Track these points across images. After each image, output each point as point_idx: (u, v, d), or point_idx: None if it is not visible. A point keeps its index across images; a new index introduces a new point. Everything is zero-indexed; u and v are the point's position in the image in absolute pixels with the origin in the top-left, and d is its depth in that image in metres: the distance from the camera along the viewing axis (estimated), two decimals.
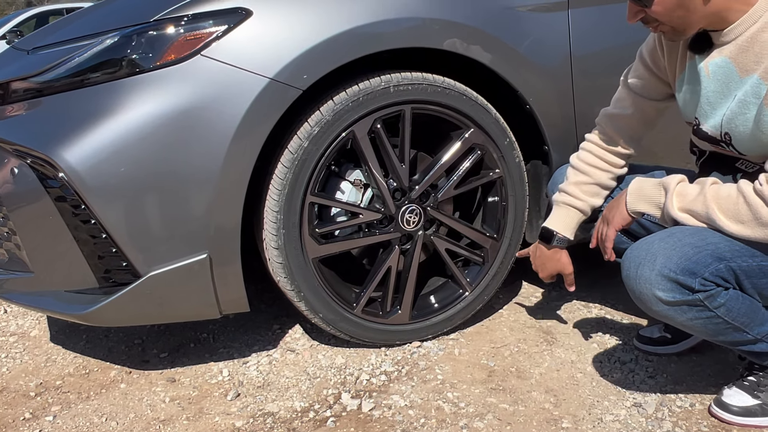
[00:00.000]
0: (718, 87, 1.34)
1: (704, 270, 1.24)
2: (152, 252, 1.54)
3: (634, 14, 1.33)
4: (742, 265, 1.27)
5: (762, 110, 1.25)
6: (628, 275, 1.32)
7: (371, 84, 1.64)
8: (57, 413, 1.62)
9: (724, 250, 1.26)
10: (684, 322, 1.31)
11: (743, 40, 1.28)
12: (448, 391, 1.61)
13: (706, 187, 1.29)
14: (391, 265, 1.78)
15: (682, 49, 1.44)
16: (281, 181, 1.61)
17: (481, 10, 1.70)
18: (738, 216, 1.24)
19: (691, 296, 1.26)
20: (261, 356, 1.83)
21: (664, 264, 1.25)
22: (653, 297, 1.28)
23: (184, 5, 1.55)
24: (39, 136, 1.55)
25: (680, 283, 1.25)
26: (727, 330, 1.32)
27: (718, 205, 1.26)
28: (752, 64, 1.27)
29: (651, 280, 1.27)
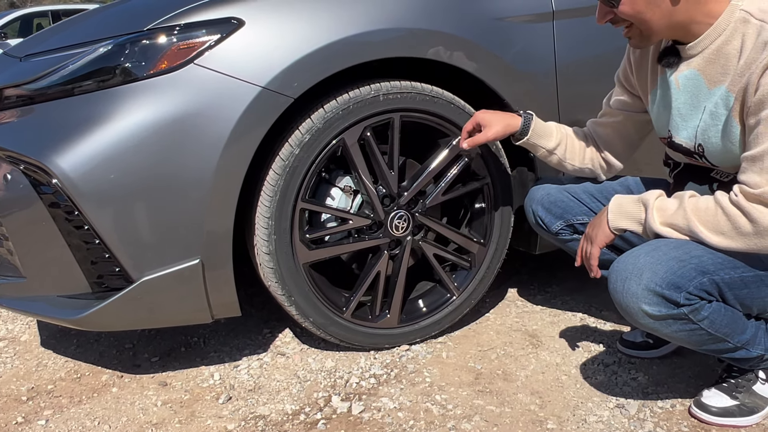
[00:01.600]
0: (688, 99, 1.39)
1: (688, 284, 1.27)
2: (145, 257, 1.57)
3: (603, 15, 1.37)
4: (725, 278, 1.30)
5: (731, 121, 1.30)
6: (615, 289, 1.34)
7: (361, 92, 1.67)
8: (49, 417, 1.64)
9: (707, 263, 1.28)
10: (669, 334, 1.34)
11: (709, 52, 1.33)
12: (436, 393, 1.65)
13: (685, 201, 1.32)
14: (380, 269, 1.81)
15: (651, 65, 1.50)
16: (272, 187, 1.63)
17: (469, 21, 1.74)
18: (718, 227, 1.27)
19: (676, 310, 1.29)
20: (252, 360, 1.86)
21: (650, 278, 1.28)
22: (639, 311, 1.30)
23: (177, 15, 1.57)
24: (32, 143, 1.57)
25: (666, 298, 1.27)
26: (709, 340, 1.35)
27: (698, 218, 1.29)
28: (719, 76, 1.32)
29: (638, 294, 1.29)
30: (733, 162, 1.34)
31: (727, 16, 1.31)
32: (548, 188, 1.71)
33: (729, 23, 1.30)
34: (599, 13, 1.38)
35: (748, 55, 1.26)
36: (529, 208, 1.74)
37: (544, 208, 1.69)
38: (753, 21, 1.27)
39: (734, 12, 1.30)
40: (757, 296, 1.34)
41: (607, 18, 1.37)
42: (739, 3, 1.31)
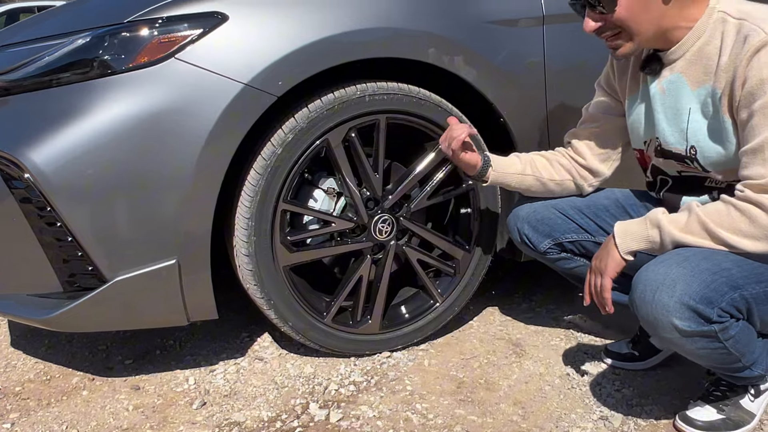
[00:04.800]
0: (673, 102, 1.38)
1: (721, 299, 1.23)
2: (119, 256, 1.52)
3: (593, 22, 1.34)
4: (753, 293, 1.26)
5: (721, 118, 1.29)
6: (644, 299, 1.26)
7: (346, 93, 1.63)
8: (15, 420, 1.58)
9: (736, 276, 1.24)
10: (689, 350, 1.29)
11: (691, 54, 1.34)
12: (417, 402, 1.61)
13: (694, 209, 1.29)
14: (362, 274, 1.77)
15: (632, 72, 1.49)
16: (253, 187, 1.59)
17: (458, 23, 1.71)
18: (735, 226, 1.24)
19: (707, 327, 1.23)
20: (228, 364, 1.81)
21: (684, 291, 1.22)
22: (669, 324, 1.24)
23: (158, 7, 1.53)
24: (5, 136, 1.52)
25: (699, 313, 1.22)
26: (727, 359, 1.31)
27: (713, 221, 1.26)
28: (702, 76, 1.32)
29: (670, 307, 1.23)
30: (726, 164, 1.32)
31: (706, 18, 1.32)
32: (534, 205, 1.65)
33: (708, 25, 1.32)
34: (588, 22, 1.35)
35: (730, 51, 1.26)
36: (514, 226, 1.68)
37: (531, 227, 1.64)
38: (731, 20, 1.29)
39: (712, 14, 1.32)
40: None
41: (597, 26, 1.34)
42: (717, 5, 1.32)
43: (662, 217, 1.31)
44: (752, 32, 1.23)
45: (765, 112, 1.20)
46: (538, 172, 1.61)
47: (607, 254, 1.36)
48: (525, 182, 1.62)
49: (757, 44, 1.21)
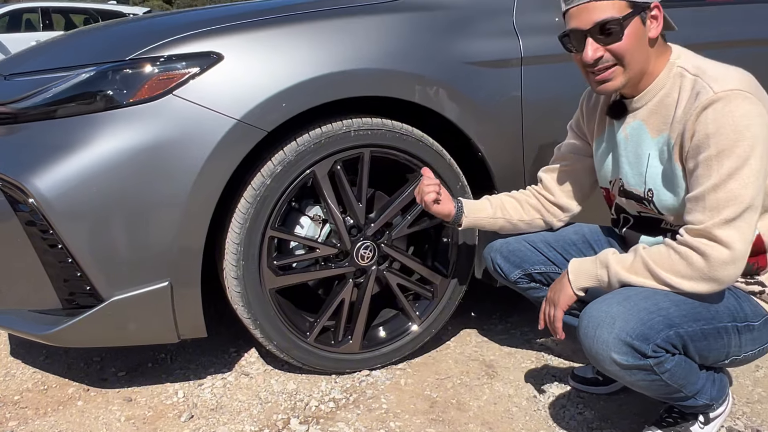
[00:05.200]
0: (633, 148, 1.50)
1: (656, 336, 1.33)
2: (116, 278, 1.62)
3: (594, 51, 1.41)
4: (689, 330, 1.37)
5: (673, 165, 1.41)
6: (586, 334, 1.38)
7: (333, 128, 1.74)
8: (14, 428, 1.68)
9: (673, 315, 1.35)
10: (631, 382, 1.40)
11: (653, 104, 1.45)
12: (391, 420, 1.71)
13: (640, 251, 1.40)
14: (344, 297, 1.88)
15: (599, 116, 1.61)
16: (243, 215, 1.70)
17: (439, 64, 1.82)
18: (675, 268, 1.35)
19: (643, 361, 1.34)
20: (216, 379, 1.91)
21: (622, 328, 1.33)
22: (609, 358, 1.35)
23: (159, 46, 1.64)
24: (12, 162, 1.62)
25: (635, 348, 1.33)
26: (666, 390, 1.42)
27: (655, 262, 1.37)
28: (661, 125, 1.44)
29: (609, 342, 1.34)
30: (677, 209, 1.43)
31: (667, 71, 1.44)
32: (507, 237, 1.78)
33: (669, 78, 1.44)
34: (591, 51, 1.41)
35: (684, 105, 1.38)
36: (488, 256, 1.80)
37: (503, 257, 1.76)
38: (688, 76, 1.40)
39: (672, 68, 1.44)
40: (714, 348, 1.42)
41: (598, 55, 1.41)
42: (677, 60, 1.44)
43: (611, 257, 1.42)
44: (703, 90, 1.35)
45: (708, 164, 1.31)
46: (508, 215, 1.73)
47: (561, 288, 1.48)
48: (496, 224, 1.75)
49: (706, 102, 1.32)
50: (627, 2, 1.38)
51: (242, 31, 1.69)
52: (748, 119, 1.29)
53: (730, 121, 1.29)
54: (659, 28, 1.43)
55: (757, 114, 1.30)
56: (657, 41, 1.43)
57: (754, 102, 1.30)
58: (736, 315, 1.39)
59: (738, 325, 1.39)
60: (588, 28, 1.39)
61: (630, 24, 1.38)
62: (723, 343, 1.40)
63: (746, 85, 1.32)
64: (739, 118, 1.29)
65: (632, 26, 1.38)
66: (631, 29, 1.38)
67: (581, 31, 1.41)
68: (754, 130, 1.28)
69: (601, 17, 1.37)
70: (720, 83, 1.33)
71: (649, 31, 1.41)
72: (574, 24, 1.42)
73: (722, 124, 1.29)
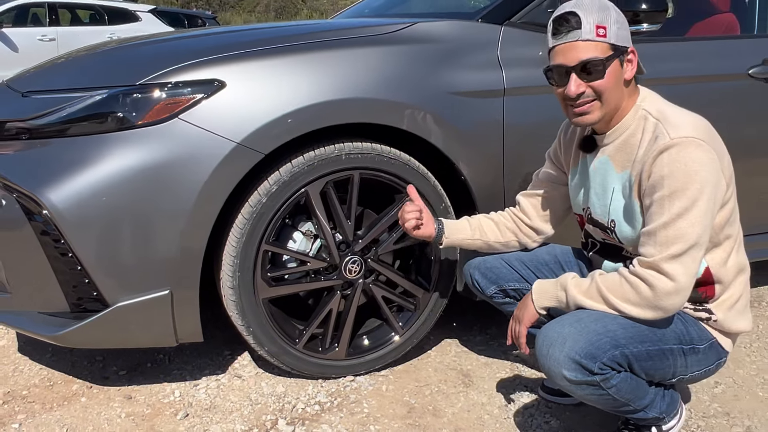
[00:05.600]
0: (601, 180, 1.65)
1: (603, 355, 1.48)
2: (121, 285, 1.76)
3: (578, 87, 1.53)
4: (634, 351, 1.51)
5: (633, 200, 1.55)
6: (541, 352, 1.54)
7: (326, 151, 1.88)
8: (22, 421, 1.82)
9: (620, 336, 1.50)
10: (581, 396, 1.55)
11: (619, 142, 1.59)
12: (371, 423, 1.85)
13: (596, 277, 1.55)
14: (332, 307, 2.02)
15: (575, 147, 1.75)
16: (240, 230, 1.84)
17: (427, 94, 1.95)
18: (625, 296, 1.49)
19: (590, 377, 1.49)
20: (210, 380, 2.05)
21: (571, 347, 1.48)
22: (560, 374, 1.50)
23: (167, 72, 1.78)
24: (28, 175, 1.76)
25: (583, 366, 1.48)
26: (614, 404, 1.57)
27: (607, 289, 1.52)
28: (626, 162, 1.58)
29: (560, 360, 1.49)
30: (635, 240, 1.57)
31: (633, 112, 1.59)
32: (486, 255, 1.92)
33: (634, 119, 1.58)
34: (574, 86, 1.53)
35: (645, 146, 1.52)
36: (467, 271, 1.94)
37: (481, 273, 1.90)
38: (651, 119, 1.55)
39: (638, 110, 1.58)
40: (660, 368, 1.56)
41: (581, 90, 1.53)
42: (642, 103, 1.59)
43: (570, 281, 1.57)
44: (661, 135, 1.49)
45: (662, 203, 1.45)
46: (485, 236, 1.87)
47: (525, 307, 1.64)
48: (474, 245, 1.89)
49: (663, 146, 1.46)
50: (609, 45, 1.52)
51: (244, 60, 1.83)
52: (699, 165, 1.43)
53: (683, 165, 1.43)
54: (633, 71, 1.57)
55: (709, 160, 1.44)
56: (630, 83, 1.58)
57: (707, 149, 1.44)
58: (682, 338, 1.54)
59: (684, 348, 1.54)
60: (573, 65, 1.52)
61: (611, 65, 1.52)
62: (669, 363, 1.54)
63: (700, 133, 1.47)
64: (691, 163, 1.43)
65: (613, 67, 1.52)
66: (611, 69, 1.52)
67: (566, 68, 1.53)
68: (703, 175, 1.42)
69: (586, 56, 1.51)
70: (677, 130, 1.47)
71: (625, 73, 1.55)
72: (560, 60, 1.54)
73: (675, 168, 1.43)
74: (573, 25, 1.50)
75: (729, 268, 1.56)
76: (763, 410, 1.95)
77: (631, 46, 1.56)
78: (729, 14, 2.75)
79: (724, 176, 1.50)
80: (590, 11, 1.51)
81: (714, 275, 1.56)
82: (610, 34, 1.51)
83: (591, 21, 1.50)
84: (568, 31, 1.51)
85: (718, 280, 1.56)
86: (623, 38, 1.54)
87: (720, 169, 1.48)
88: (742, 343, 2.35)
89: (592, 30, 1.50)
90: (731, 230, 1.55)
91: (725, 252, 1.55)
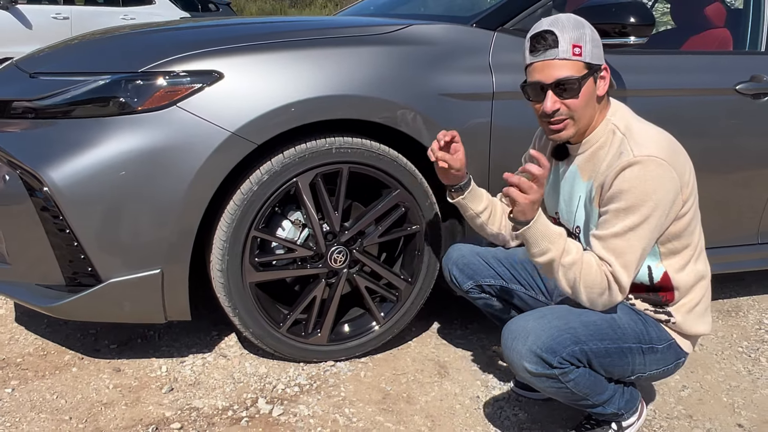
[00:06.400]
0: (569, 188, 1.72)
1: (563, 350, 1.56)
2: (114, 262, 1.85)
3: (553, 104, 1.60)
4: (593, 348, 1.60)
5: (593, 209, 1.63)
6: (505, 345, 1.61)
7: (317, 144, 1.96)
8: (15, 387, 1.91)
9: (581, 334, 1.58)
10: (542, 388, 1.64)
11: (588, 153, 1.67)
12: (346, 407, 1.94)
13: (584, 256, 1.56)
14: (316, 294, 2.10)
15: (548, 156, 1.81)
16: (231, 216, 1.92)
17: (418, 94, 2.03)
18: (592, 288, 1.56)
19: (550, 371, 1.57)
20: (197, 358, 2.14)
21: (534, 341, 1.56)
22: (521, 366, 1.58)
23: (168, 62, 1.86)
24: (31, 153, 1.84)
25: (543, 359, 1.56)
26: (572, 397, 1.65)
27: (583, 280, 1.56)
28: (591, 172, 1.66)
29: (522, 353, 1.57)
30: None
31: (603, 126, 1.66)
32: (463, 250, 1.99)
33: (604, 133, 1.65)
34: (549, 103, 1.59)
35: (609, 160, 1.60)
36: (445, 266, 2.02)
37: (458, 269, 1.98)
38: (618, 134, 1.62)
39: (608, 124, 1.66)
40: (618, 365, 1.65)
41: (556, 107, 1.60)
42: (612, 117, 1.66)
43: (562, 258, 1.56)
44: (625, 151, 1.56)
45: (617, 214, 1.54)
46: (487, 220, 1.88)
47: (527, 212, 1.53)
48: (473, 221, 1.90)
49: (626, 163, 1.54)
50: (584, 64, 1.58)
51: (242, 53, 1.91)
52: (657, 184, 1.51)
53: (642, 183, 1.51)
54: (606, 87, 1.64)
55: (668, 180, 1.52)
56: (603, 98, 1.65)
57: (666, 169, 1.52)
58: (641, 338, 1.62)
59: (643, 347, 1.62)
60: (549, 82, 1.58)
61: (586, 83, 1.58)
62: (627, 361, 1.62)
63: (663, 152, 1.54)
64: (650, 181, 1.51)
65: (587, 85, 1.59)
66: (585, 88, 1.59)
67: (543, 85, 1.60)
68: (659, 195, 1.51)
69: (562, 75, 1.57)
70: (640, 148, 1.54)
71: (598, 89, 1.62)
72: (537, 77, 1.61)
73: (634, 186, 1.51)
74: (550, 44, 1.56)
75: (687, 275, 1.64)
76: (725, 415, 2.03)
77: (604, 63, 1.63)
78: (723, 29, 2.81)
79: (683, 192, 1.58)
80: (566, 29, 1.57)
81: (672, 281, 1.64)
82: (585, 52, 1.57)
83: (567, 39, 1.56)
84: (546, 49, 1.57)
85: (676, 286, 1.64)
86: (597, 56, 1.60)
87: (678, 187, 1.55)
88: (714, 350, 2.43)
89: (569, 49, 1.56)
90: (690, 240, 1.63)
91: (683, 260, 1.63)
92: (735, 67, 2.51)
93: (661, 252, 1.63)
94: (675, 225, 1.58)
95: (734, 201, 2.55)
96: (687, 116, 2.38)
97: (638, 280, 1.65)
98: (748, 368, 2.31)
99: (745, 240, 2.66)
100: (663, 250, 1.63)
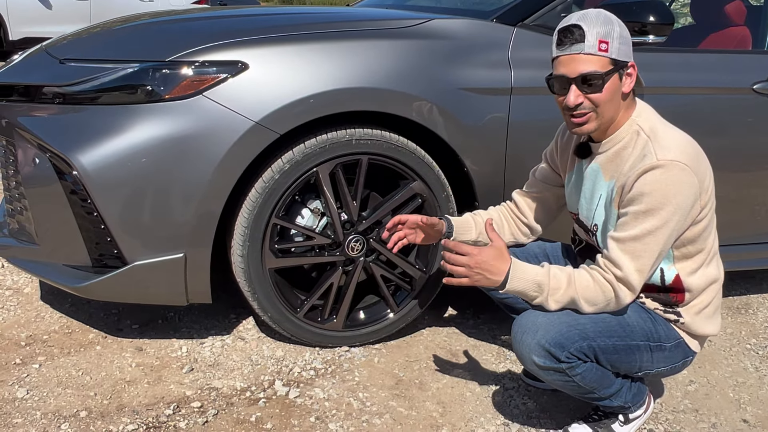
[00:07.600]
0: (590, 186, 1.75)
1: (571, 345, 1.60)
2: (139, 246, 1.91)
3: (576, 98, 1.61)
4: (601, 344, 1.64)
5: (613, 209, 1.65)
6: (515, 338, 1.66)
7: (337, 135, 2.01)
8: (42, 363, 1.99)
9: (589, 330, 1.62)
10: (549, 381, 1.69)
11: (611, 152, 1.68)
12: (360, 391, 2.00)
13: (574, 279, 1.62)
14: (333, 281, 2.16)
15: (571, 152, 1.84)
16: (252, 203, 1.97)
17: (437, 88, 2.06)
18: (593, 299, 1.61)
19: (557, 365, 1.62)
20: (216, 340, 2.21)
21: (543, 336, 1.60)
22: (530, 359, 1.63)
23: (194, 52, 1.91)
24: (61, 137, 1.91)
25: (551, 353, 1.60)
26: (580, 390, 1.70)
27: (582, 295, 1.61)
28: (613, 172, 1.67)
29: (531, 346, 1.62)
30: None
31: (627, 126, 1.67)
32: None
33: (628, 133, 1.66)
34: (573, 97, 1.60)
35: (632, 161, 1.61)
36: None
37: None
38: (642, 135, 1.63)
39: (633, 124, 1.66)
40: (625, 361, 1.69)
41: (579, 101, 1.61)
42: (637, 118, 1.66)
43: (551, 297, 1.62)
44: (649, 154, 1.57)
45: (636, 216, 1.56)
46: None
47: (492, 268, 1.62)
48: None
49: (647, 166, 1.55)
50: (610, 60, 1.58)
51: (267, 44, 1.96)
52: (678, 188, 1.53)
53: (663, 187, 1.53)
54: (632, 85, 1.65)
55: (688, 186, 1.54)
56: (628, 96, 1.66)
57: (689, 174, 1.54)
58: (650, 336, 1.66)
59: (651, 345, 1.66)
60: (574, 76, 1.59)
61: (610, 79, 1.59)
62: (635, 358, 1.66)
63: (686, 157, 1.55)
64: (672, 185, 1.53)
65: (612, 81, 1.59)
66: (610, 84, 1.59)
67: (567, 78, 1.61)
68: (679, 199, 1.53)
69: (587, 69, 1.58)
70: (664, 152, 1.55)
71: (623, 87, 1.62)
72: (562, 71, 1.62)
73: (656, 188, 1.53)
74: (576, 38, 1.57)
75: (699, 278, 1.67)
76: (731, 410, 2.07)
77: (631, 60, 1.63)
78: (743, 27, 2.82)
79: (702, 199, 1.60)
80: (594, 25, 1.58)
81: (684, 283, 1.67)
82: (611, 49, 1.58)
83: (594, 35, 1.57)
84: (572, 44, 1.58)
85: (687, 288, 1.67)
86: (624, 53, 1.60)
87: (698, 193, 1.57)
88: (722, 347, 2.47)
89: (595, 44, 1.57)
90: (704, 245, 1.65)
91: (696, 264, 1.66)
92: (753, 67, 2.52)
93: (674, 255, 1.66)
94: (691, 230, 1.61)
95: (749, 200, 2.57)
96: (703, 115, 2.40)
97: (650, 281, 1.68)
98: (755, 365, 2.35)
99: (760, 238, 2.68)
100: (677, 253, 1.66)
